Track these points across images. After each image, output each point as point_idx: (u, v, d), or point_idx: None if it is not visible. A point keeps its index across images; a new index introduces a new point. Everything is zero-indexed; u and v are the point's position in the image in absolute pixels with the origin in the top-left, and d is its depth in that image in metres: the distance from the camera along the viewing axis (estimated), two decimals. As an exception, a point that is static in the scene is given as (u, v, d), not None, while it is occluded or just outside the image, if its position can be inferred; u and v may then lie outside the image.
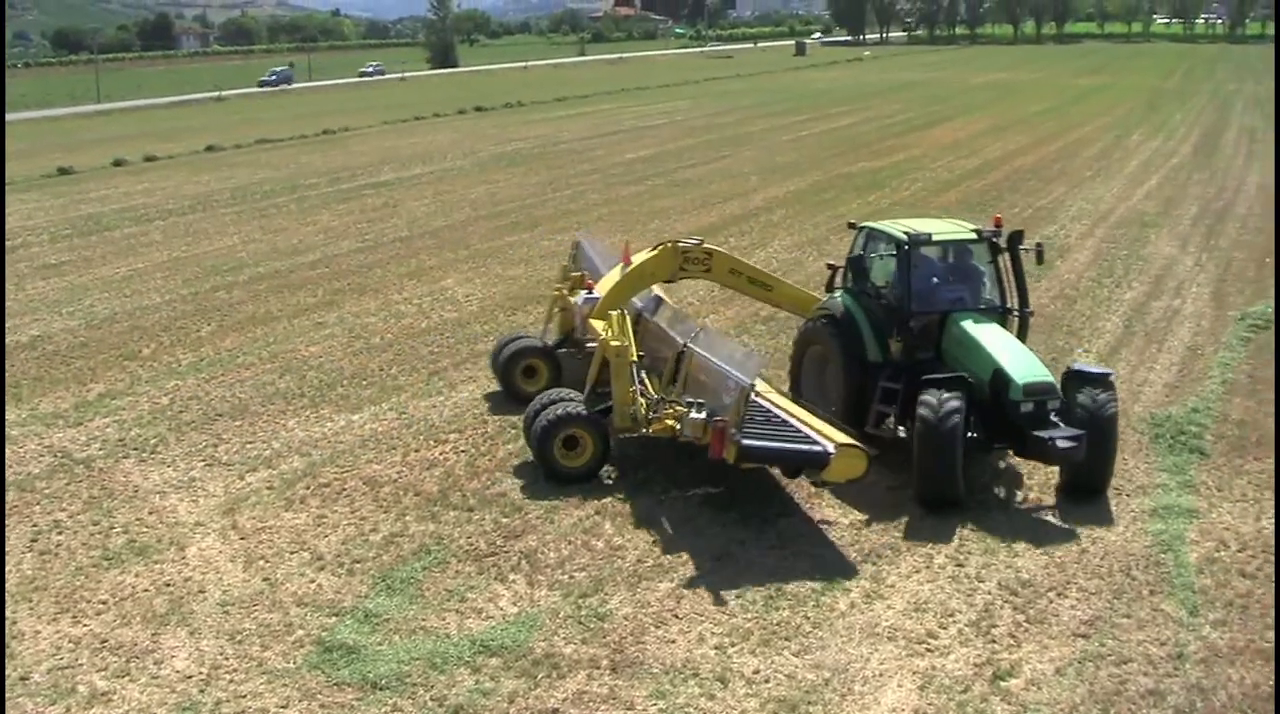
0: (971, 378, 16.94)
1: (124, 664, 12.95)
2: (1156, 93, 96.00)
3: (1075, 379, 17.22)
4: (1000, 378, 16.79)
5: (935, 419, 16.01)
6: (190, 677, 12.68)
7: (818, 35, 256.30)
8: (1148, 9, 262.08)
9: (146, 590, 14.57)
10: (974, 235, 18.75)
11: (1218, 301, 28.40)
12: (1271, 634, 13.33)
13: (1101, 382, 17.06)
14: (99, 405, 21.77)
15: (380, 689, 12.41)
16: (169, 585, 14.70)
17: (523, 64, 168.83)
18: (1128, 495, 17.14)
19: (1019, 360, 17.07)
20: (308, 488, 17.76)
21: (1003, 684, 12.41)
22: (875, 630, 13.51)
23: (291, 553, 15.58)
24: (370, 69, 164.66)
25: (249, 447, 19.64)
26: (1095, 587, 14.42)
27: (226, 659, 13.01)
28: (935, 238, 18.61)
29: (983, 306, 18.49)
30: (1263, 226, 37.49)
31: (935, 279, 18.82)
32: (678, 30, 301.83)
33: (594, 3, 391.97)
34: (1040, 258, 19.37)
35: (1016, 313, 18.75)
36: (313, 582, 14.74)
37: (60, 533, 16.31)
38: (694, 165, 54.16)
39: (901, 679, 12.57)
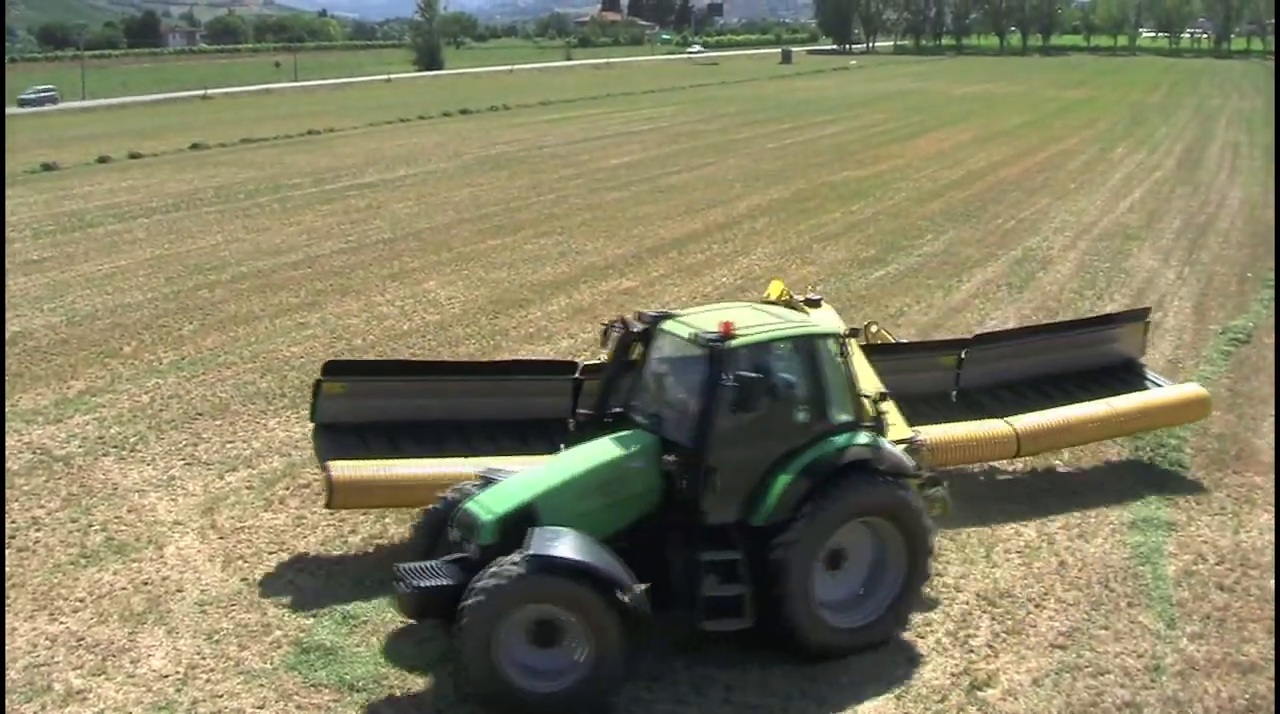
0: None
1: (100, 662, 12.90)
2: (1141, 106, 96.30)
3: None
4: None
5: None
6: (167, 676, 12.64)
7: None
8: (1134, 22, 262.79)
9: (124, 589, 14.52)
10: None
11: (1199, 315, 28.50)
12: (1248, 648, 13.37)
13: None
14: (79, 402, 21.69)
15: (357, 691, 12.38)
16: (147, 584, 14.65)
17: (508, 68, 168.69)
18: (1106, 507, 17.20)
19: None
20: (287, 488, 17.72)
21: (979, 694, 12.43)
22: (853, 639, 13.52)
23: (270, 553, 15.54)
24: (33, 94, 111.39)
25: (229, 446, 19.59)
26: (1073, 598, 14.45)
27: (204, 659, 12.97)
28: None
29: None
30: (1245, 241, 37.66)
31: None
32: (664, 36, 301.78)
33: (580, 8, 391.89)
34: None
35: None
36: (291, 582, 14.71)
37: (38, 530, 16.24)
38: (678, 172, 54.19)
39: (878, 688, 12.56)
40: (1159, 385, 19.85)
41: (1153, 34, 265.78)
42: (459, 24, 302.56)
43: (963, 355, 19.24)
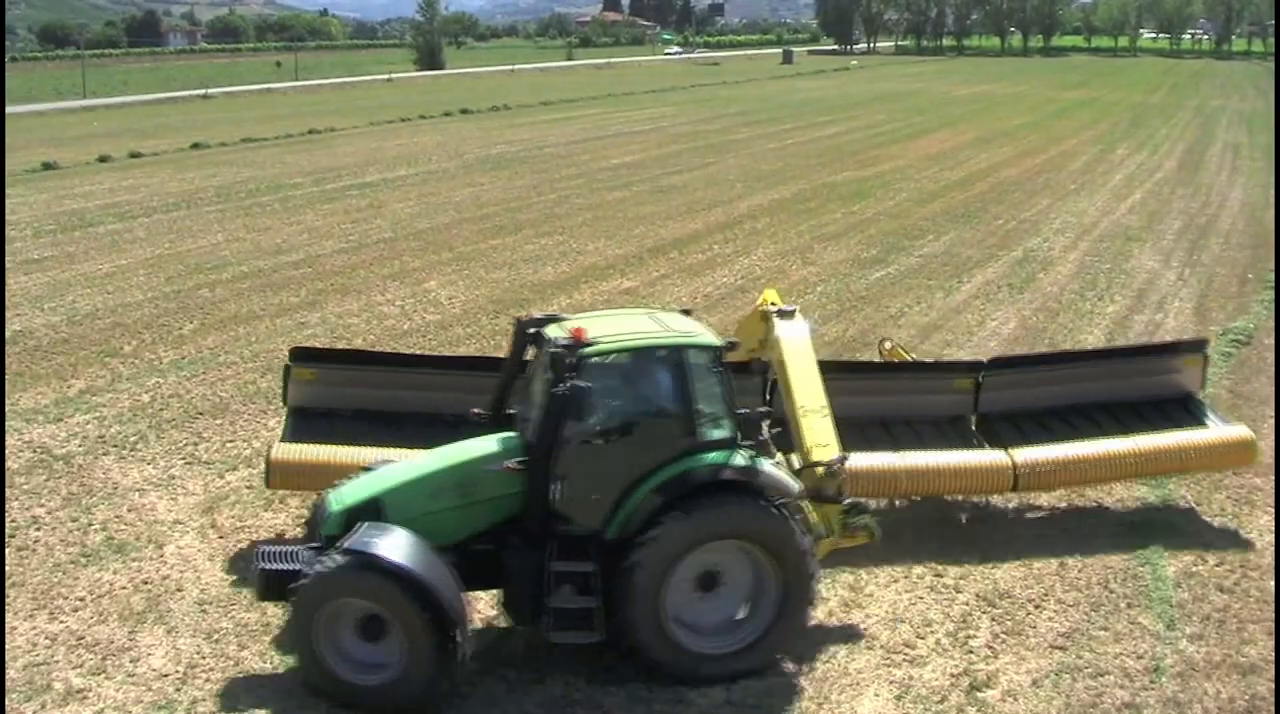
0: None
1: (100, 662, 12.91)
2: (1142, 107, 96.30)
3: None
4: None
5: None
6: (167, 675, 12.64)
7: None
8: (1134, 24, 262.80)
9: (124, 588, 14.53)
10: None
11: (1200, 316, 28.51)
12: (1248, 649, 13.38)
13: None
14: (79, 402, 21.69)
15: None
16: (147, 583, 14.66)
17: (509, 68, 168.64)
18: (1107, 507, 17.25)
19: None
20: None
21: (979, 695, 12.44)
22: (853, 639, 13.53)
23: (270, 553, 15.53)
24: None
25: (229, 445, 19.59)
26: (1073, 599, 14.46)
27: (203, 658, 12.97)
28: None
29: None
30: (1246, 243, 37.67)
31: None
32: (665, 36, 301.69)
33: (581, 8, 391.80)
34: None
35: None
36: (291, 582, 14.71)
37: (38, 529, 16.25)
38: (679, 172, 54.17)
39: (878, 689, 12.59)
40: (1212, 424, 17.70)
41: (1153, 35, 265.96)
42: (460, 24, 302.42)
43: (980, 379, 17.86)
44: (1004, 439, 17.20)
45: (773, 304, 16.78)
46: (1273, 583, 14.80)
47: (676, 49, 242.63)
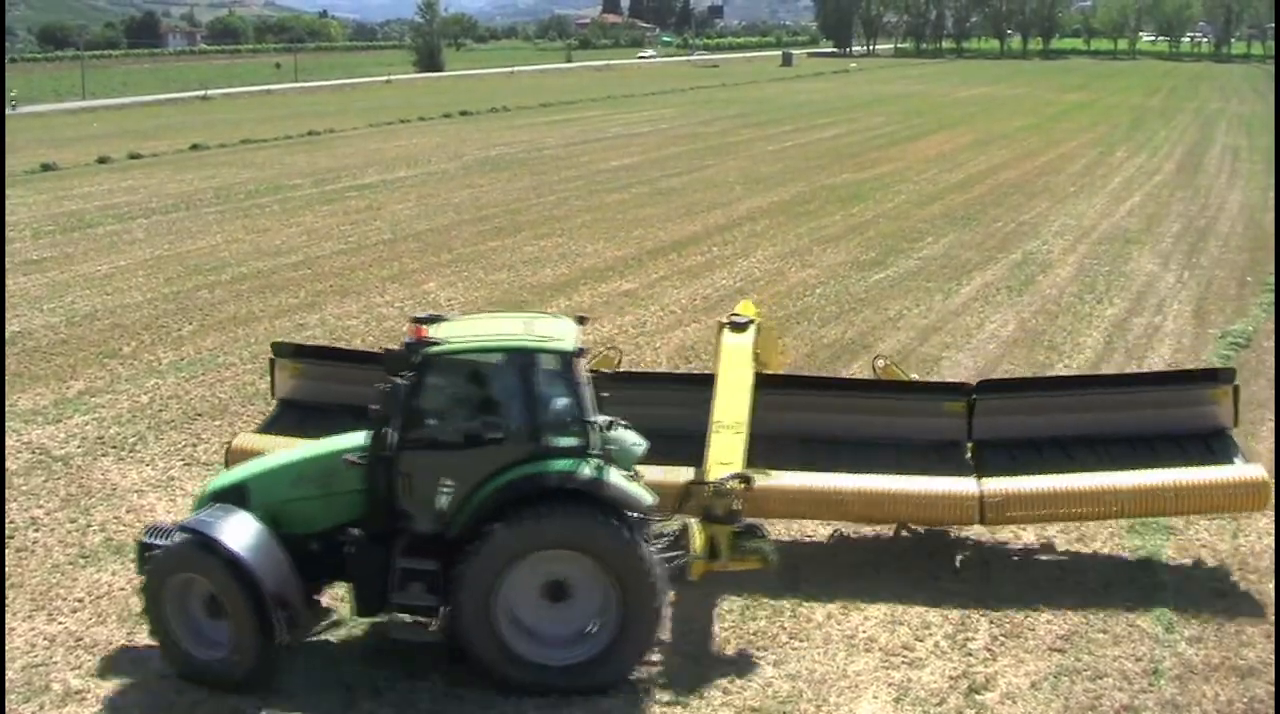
0: None
1: (98, 663, 12.91)
2: (1141, 110, 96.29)
3: None
4: None
5: None
6: (165, 676, 12.62)
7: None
8: (1134, 26, 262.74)
9: (123, 589, 14.51)
10: None
11: (1199, 319, 28.50)
12: (1247, 652, 13.37)
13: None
14: (78, 403, 21.70)
15: (355, 693, 12.38)
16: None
17: (509, 69, 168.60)
18: (1106, 511, 17.21)
19: None
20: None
21: (978, 697, 12.44)
22: (852, 642, 13.53)
23: (269, 554, 15.51)
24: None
25: (228, 447, 19.59)
26: (1071, 602, 14.45)
27: (202, 660, 12.97)
28: None
29: None
30: (1245, 245, 37.66)
31: None
32: (665, 39, 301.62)
33: (581, 9, 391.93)
34: None
35: None
36: (290, 583, 14.69)
37: (37, 530, 16.26)
38: (678, 174, 54.18)
39: (877, 691, 12.59)
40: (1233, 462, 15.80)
41: (1153, 38, 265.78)
42: (459, 25, 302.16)
43: (972, 400, 16.60)
44: (992, 468, 15.92)
45: (734, 316, 16.60)
46: (1271, 586, 14.79)
47: (651, 53, 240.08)
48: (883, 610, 14.21)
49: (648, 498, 12.57)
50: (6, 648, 13.16)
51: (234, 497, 12.67)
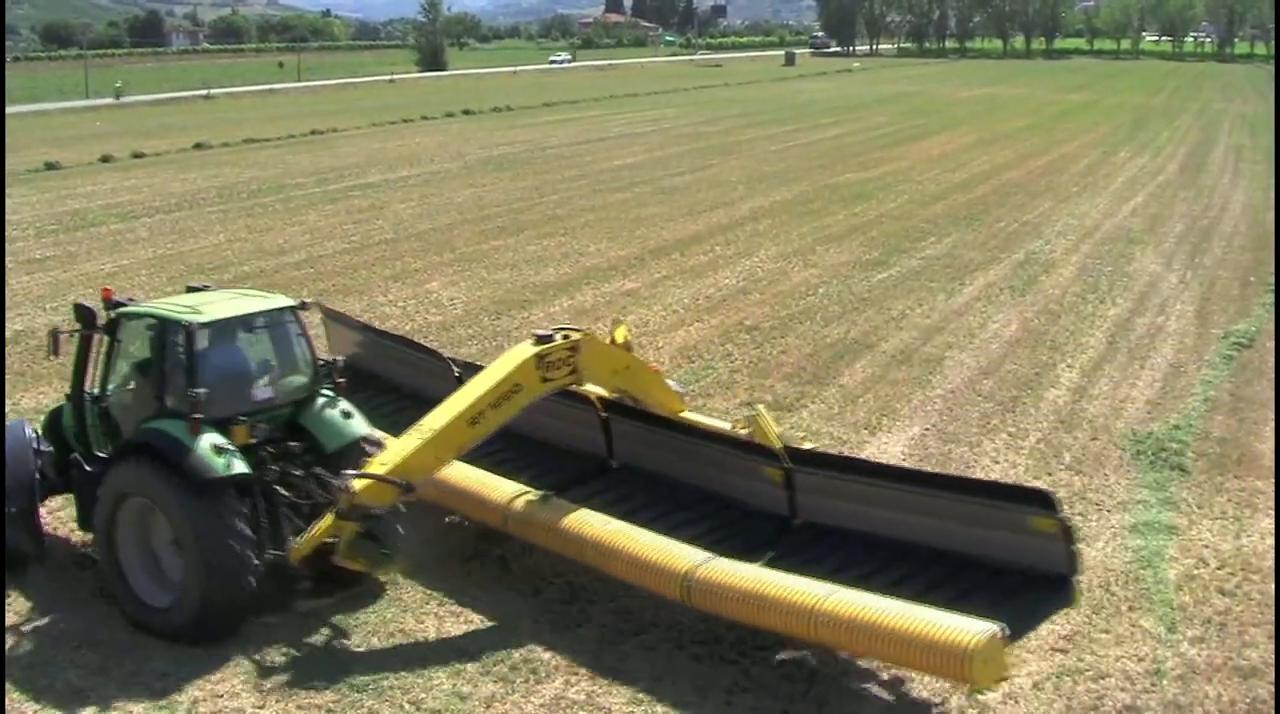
0: None
1: (102, 662, 12.91)
2: (1144, 110, 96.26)
3: None
4: None
5: None
6: (167, 675, 12.64)
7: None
8: (1137, 26, 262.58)
9: (125, 588, 14.50)
10: None
11: (1202, 319, 28.49)
12: (1249, 652, 13.36)
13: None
14: (81, 402, 21.66)
15: (358, 692, 12.39)
16: (147, 584, 14.64)
17: (512, 69, 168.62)
18: (1108, 511, 17.19)
19: None
20: (289, 488, 17.68)
21: (980, 697, 12.41)
22: (854, 641, 13.49)
23: (271, 553, 15.51)
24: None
25: (230, 446, 19.56)
26: (1074, 601, 14.43)
27: (204, 658, 12.96)
28: None
29: None
30: (1248, 245, 37.65)
31: None
32: (668, 38, 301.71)
33: (584, 9, 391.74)
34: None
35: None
36: (292, 582, 14.69)
37: (39, 529, 16.22)
38: (681, 173, 54.19)
39: (879, 691, 12.57)
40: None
41: (1156, 38, 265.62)
42: (462, 25, 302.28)
43: (789, 474, 14.28)
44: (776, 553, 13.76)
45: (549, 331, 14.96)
46: (1273, 586, 14.77)
47: (564, 56, 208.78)
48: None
49: (218, 468, 13.02)
50: (10, 646, 13.17)
51: (54, 419, 15.60)
